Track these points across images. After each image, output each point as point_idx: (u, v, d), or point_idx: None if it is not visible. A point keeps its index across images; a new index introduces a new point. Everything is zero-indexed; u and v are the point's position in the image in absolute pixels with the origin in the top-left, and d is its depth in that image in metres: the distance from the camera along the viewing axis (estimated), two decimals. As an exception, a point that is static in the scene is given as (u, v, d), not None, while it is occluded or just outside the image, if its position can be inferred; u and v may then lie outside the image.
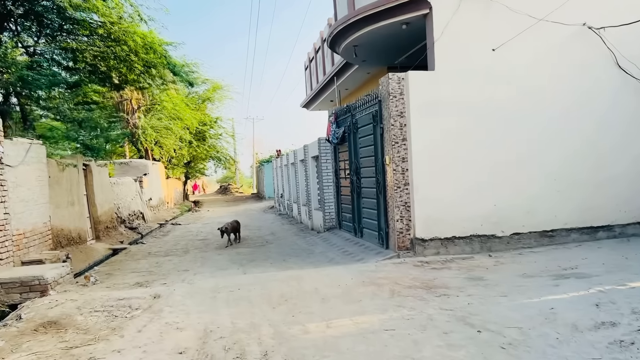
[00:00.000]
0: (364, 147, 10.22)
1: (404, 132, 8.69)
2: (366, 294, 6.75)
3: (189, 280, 8.66)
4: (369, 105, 9.78)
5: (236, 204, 36.91)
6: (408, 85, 8.57)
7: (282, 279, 7.87)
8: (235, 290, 7.44)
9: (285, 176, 22.58)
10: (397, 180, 8.70)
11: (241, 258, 10.98)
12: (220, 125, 40.85)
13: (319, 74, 18.48)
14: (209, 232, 17.83)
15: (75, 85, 13.36)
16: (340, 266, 8.67)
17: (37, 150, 10.46)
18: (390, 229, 9.08)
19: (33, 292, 8.01)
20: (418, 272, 7.73)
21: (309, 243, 12.31)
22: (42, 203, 10.49)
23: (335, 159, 12.83)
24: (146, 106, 31.51)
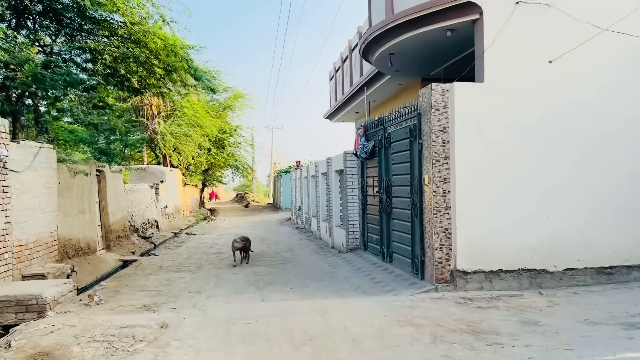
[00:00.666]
0: (398, 163, 9.32)
1: (446, 149, 7.78)
2: (404, 337, 5.83)
3: (200, 305, 7.81)
4: (405, 119, 8.90)
5: (252, 214, 36.16)
6: (453, 97, 7.68)
7: (305, 312, 6.98)
8: (252, 322, 6.58)
9: (304, 189, 21.74)
10: (438, 203, 7.78)
11: (258, 279, 10.12)
12: (240, 133, 40.35)
13: (345, 85, 17.67)
14: (224, 244, 17.03)
15: (92, 88, 12.74)
16: (370, 298, 7.75)
17: (47, 154, 9.77)
18: (426, 258, 8.14)
19: (29, 313, 7.24)
20: (461, 312, 6.78)
21: (331, 265, 11.40)
22: (50, 211, 9.78)
23: (362, 174, 11.94)
24: (166, 112, 31.10)
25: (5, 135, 8.18)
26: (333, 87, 20.06)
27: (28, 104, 12.30)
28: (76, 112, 11.14)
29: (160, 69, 13.96)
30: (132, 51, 12.50)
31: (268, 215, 32.74)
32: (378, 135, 10.58)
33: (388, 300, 7.48)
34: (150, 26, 12.76)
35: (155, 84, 15.06)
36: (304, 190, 21.81)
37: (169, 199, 25.41)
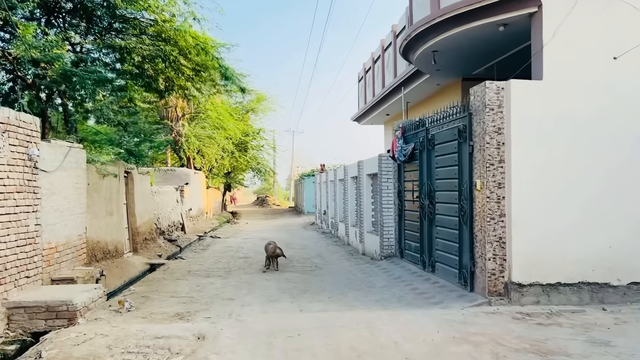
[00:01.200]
0: (443, 167, 8.80)
1: (501, 152, 7.24)
2: (462, 357, 5.32)
3: (236, 315, 7.38)
4: (452, 119, 8.38)
5: (274, 217, 35.83)
6: (509, 96, 7.14)
7: (350, 325, 6.51)
8: (294, 336, 6.13)
9: (330, 193, 21.29)
10: (491, 209, 7.24)
11: (292, 287, 9.67)
12: (263, 136, 40.11)
13: (377, 86, 17.18)
14: (250, 248, 16.66)
15: (120, 89, 12.47)
16: (417, 311, 7.23)
17: (77, 155, 9.48)
18: (477, 268, 7.60)
19: (59, 320, 6.90)
20: (521, 329, 6.23)
21: (366, 273, 10.89)
22: (79, 213, 9.48)
23: (399, 178, 11.43)
24: (190, 114, 30.99)
25: (36, 133, 7.89)
26: (362, 89, 19.58)
27: (57, 104, 12.10)
28: (106, 111, 10.84)
29: (188, 69, 13.68)
30: (162, 50, 12.21)
31: (290, 219, 32.35)
32: (419, 137, 10.06)
33: (437, 313, 6.95)
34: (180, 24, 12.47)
35: (182, 85, 14.78)
36: (329, 194, 21.34)
37: (193, 201, 25.18)
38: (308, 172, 38.58)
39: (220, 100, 31.80)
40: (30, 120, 7.77)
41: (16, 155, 7.29)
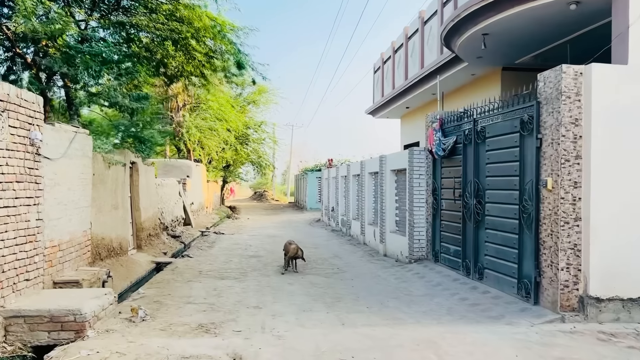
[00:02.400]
0: (497, 163, 7.85)
1: (578, 146, 6.30)
2: (563, 392, 4.38)
3: (270, 328, 6.40)
4: (512, 109, 7.42)
5: (276, 213, 34.82)
6: (590, 82, 6.20)
7: (409, 345, 5.56)
8: (347, 357, 5.18)
9: (340, 189, 20.32)
10: (566, 212, 6.30)
11: (321, 293, 8.70)
12: (264, 129, 39.04)
13: (397, 77, 16.21)
14: (259, 246, 15.68)
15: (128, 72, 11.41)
16: (479, 327, 6.28)
17: (83, 141, 8.45)
18: (543, 279, 6.66)
19: (65, 332, 5.90)
20: (613, 353, 5.31)
21: (399, 278, 9.94)
22: (84, 206, 8.45)
23: (434, 174, 10.47)
24: (191, 105, 29.92)
25: (39, 115, 6.86)
26: (379, 81, 18.58)
27: (59, 86, 11.02)
28: (113, 94, 9.78)
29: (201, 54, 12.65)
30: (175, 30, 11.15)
31: (293, 215, 31.35)
32: (462, 129, 9.11)
33: (505, 331, 6.01)
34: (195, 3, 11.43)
35: (192, 71, 13.74)
36: (340, 190, 20.37)
37: (194, 195, 24.15)
38: (311, 166, 37.53)
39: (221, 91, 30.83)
40: (33, 99, 6.74)
41: (16, 138, 6.26)
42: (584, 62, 6.47)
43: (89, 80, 10.65)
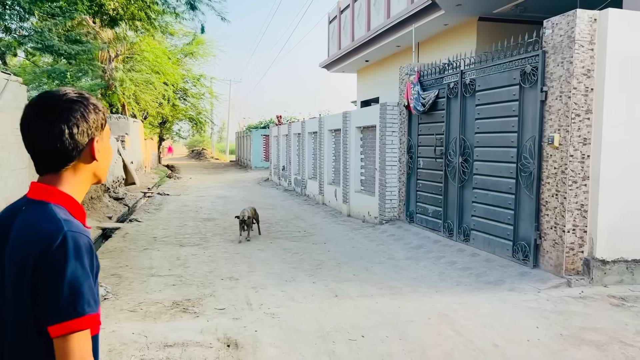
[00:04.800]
0: (490, 118, 7.36)
1: (589, 100, 5.86)
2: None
3: (257, 304, 5.67)
4: (513, 59, 6.87)
5: (218, 172, 33.50)
6: (606, 29, 5.72)
7: (421, 320, 5.05)
8: (357, 338, 4.58)
9: (293, 147, 19.52)
10: (573, 171, 5.91)
11: (297, 259, 8.04)
12: (203, 83, 37.00)
13: (356, 28, 15.33)
14: (211, 208, 14.75)
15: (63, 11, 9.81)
16: (484, 295, 5.87)
17: (16, 90, 7.10)
18: (545, 241, 6.32)
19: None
20: (632, 320, 5.04)
21: (373, 240, 9.45)
22: (21, 168, 7.20)
23: (409, 131, 9.91)
24: (124, 55, 27.59)
25: (-38, 55, 5.52)
26: (335, 32, 17.61)
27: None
28: (48, 36, 8.31)
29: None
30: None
31: (239, 175, 30.24)
32: (445, 82, 8.53)
33: (515, 300, 5.63)
34: None
35: (136, 13, 12.23)
36: (292, 148, 19.56)
37: (133, 153, 22.55)
38: (256, 123, 36.20)
39: (157, 42, 28.72)
40: (-47, 34, 5.39)
41: None
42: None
43: (15, 22, 9.07)
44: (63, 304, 1.30)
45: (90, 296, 1.34)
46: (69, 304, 1.30)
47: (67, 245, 1.32)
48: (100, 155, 1.50)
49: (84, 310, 1.31)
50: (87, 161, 1.48)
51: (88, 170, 1.50)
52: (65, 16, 8.95)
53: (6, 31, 9.40)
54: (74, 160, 1.45)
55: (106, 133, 1.53)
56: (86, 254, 1.35)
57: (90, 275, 1.35)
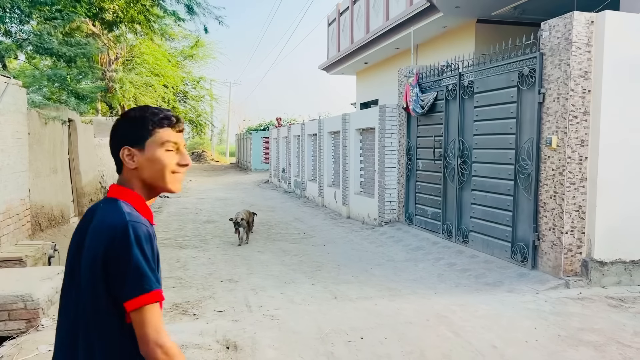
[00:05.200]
0: (488, 120, 7.38)
1: (586, 102, 5.89)
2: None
3: (257, 306, 5.70)
4: (509, 62, 6.90)
5: (218, 174, 33.53)
6: (603, 32, 5.75)
7: (419, 321, 5.06)
8: (356, 340, 4.60)
9: (292, 149, 19.55)
10: (571, 172, 5.94)
11: (297, 261, 8.07)
12: (203, 86, 37.01)
13: (356, 30, 15.38)
14: (211, 210, 14.80)
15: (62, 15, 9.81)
16: (483, 297, 5.89)
17: (16, 94, 7.14)
18: (543, 242, 6.34)
19: (14, 321, 4.90)
20: (630, 321, 5.06)
21: (373, 242, 9.47)
22: (21, 171, 7.23)
23: (408, 133, 9.94)
24: (124, 58, 27.64)
25: (-38, 58, 5.56)
26: (334, 34, 17.66)
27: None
28: (47, 39, 8.34)
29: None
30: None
31: (239, 177, 30.28)
32: (444, 84, 8.56)
33: (514, 301, 5.65)
34: None
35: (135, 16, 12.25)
36: (292, 150, 19.59)
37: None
38: (256, 126, 36.22)
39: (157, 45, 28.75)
40: (-47, 38, 5.42)
41: None
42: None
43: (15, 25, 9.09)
44: (132, 282, 1.52)
45: (152, 275, 1.55)
46: (137, 282, 1.52)
47: (129, 233, 1.54)
48: (136, 164, 1.67)
49: (150, 287, 1.54)
50: (129, 167, 1.68)
51: (135, 176, 1.68)
52: (64, 19, 8.97)
53: (6, 34, 9.43)
54: (121, 165, 1.70)
55: (153, 144, 1.67)
56: (145, 240, 1.56)
57: (150, 259, 1.56)
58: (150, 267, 1.55)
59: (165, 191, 1.73)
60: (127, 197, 1.66)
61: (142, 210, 1.67)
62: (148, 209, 1.70)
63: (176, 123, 1.72)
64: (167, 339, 1.56)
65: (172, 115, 1.72)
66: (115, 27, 12.67)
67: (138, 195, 1.68)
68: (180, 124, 1.73)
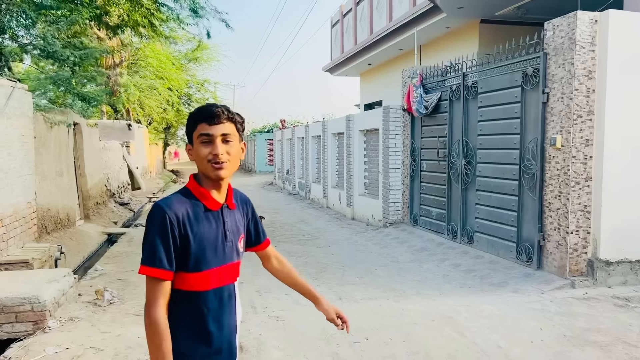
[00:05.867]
0: (493, 120, 7.38)
1: (591, 101, 5.88)
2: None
3: (262, 307, 5.71)
4: (513, 62, 6.90)
5: (223, 176, 33.50)
6: (607, 31, 5.74)
7: (424, 322, 5.06)
8: (360, 340, 4.61)
9: (297, 151, 19.57)
10: (576, 172, 5.92)
11: (302, 262, 8.07)
12: (207, 89, 37.13)
13: (359, 32, 15.40)
14: (216, 212, 14.77)
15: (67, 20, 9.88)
16: (488, 297, 5.88)
17: (22, 97, 7.19)
18: (548, 242, 6.33)
19: (21, 323, 4.94)
20: (636, 320, 5.04)
21: (378, 243, 9.47)
22: (27, 174, 7.27)
23: (412, 134, 9.94)
24: (129, 61, 27.75)
25: (-32, 63, 5.60)
26: (338, 36, 17.68)
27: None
28: (52, 41, 8.39)
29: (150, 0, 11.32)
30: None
31: (243, 179, 30.32)
32: (447, 84, 8.56)
33: (519, 302, 5.64)
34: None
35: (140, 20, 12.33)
36: (296, 152, 19.61)
37: (137, 159, 22.62)
38: (260, 128, 36.29)
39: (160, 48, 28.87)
40: (-40, 43, 5.47)
41: (-58, 91, 5.05)
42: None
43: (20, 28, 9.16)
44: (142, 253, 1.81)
45: (149, 251, 1.77)
46: (142, 254, 1.80)
47: (149, 212, 1.82)
48: (193, 157, 1.91)
49: (143, 261, 1.79)
50: (190, 159, 1.93)
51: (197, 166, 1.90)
52: (67, 21, 9.02)
53: (12, 38, 9.51)
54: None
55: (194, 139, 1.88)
56: (152, 220, 1.79)
57: (156, 235, 1.77)
58: (151, 244, 1.76)
59: (212, 179, 1.88)
60: (189, 183, 1.93)
61: (199, 193, 1.89)
62: (206, 192, 1.89)
63: (209, 116, 1.84)
64: (156, 312, 1.77)
65: (207, 109, 1.86)
66: (120, 31, 12.76)
67: (193, 181, 1.91)
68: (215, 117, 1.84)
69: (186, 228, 1.80)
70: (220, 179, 1.89)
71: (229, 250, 1.94)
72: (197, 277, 1.84)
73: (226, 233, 1.92)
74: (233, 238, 1.96)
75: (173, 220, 1.78)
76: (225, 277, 1.93)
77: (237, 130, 1.94)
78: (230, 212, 1.99)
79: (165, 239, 1.77)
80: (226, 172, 1.89)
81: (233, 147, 1.90)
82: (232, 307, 1.97)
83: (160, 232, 1.76)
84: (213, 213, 1.90)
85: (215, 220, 1.90)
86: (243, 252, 2.09)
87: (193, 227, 1.82)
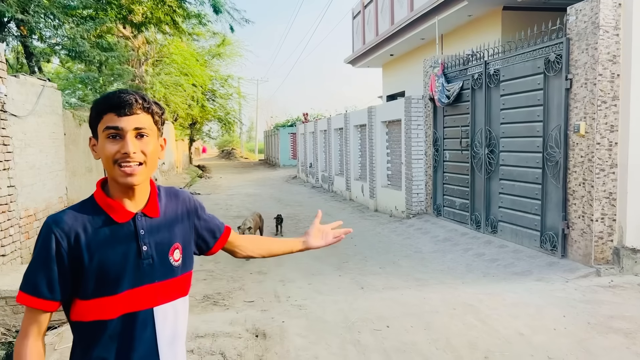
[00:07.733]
0: (515, 108, 7.30)
1: (615, 86, 5.78)
2: (621, 355, 4.01)
3: (285, 296, 5.82)
4: (535, 48, 6.81)
5: (248, 171, 33.93)
6: (631, 13, 5.63)
7: (445, 310, 5.08)
8: (382, 328, 4.65)
9: (319, 144, 19.64)
10: (601, 159, 5.84)
11: (325, 254, 8.13)
12: (231, 84, 37.42)
13: (380, 22, 15.32)
14: (241, 206, 15.01)
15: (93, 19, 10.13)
16: (510, 285, 5.87)
17: (52, 96, 7.43)
18: (572, 230, 6.26)
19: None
20: (666, 308, 4.97)
21: (400, 234, 9.48)
22: (58, 170, 7.52)
23: (434, 124, 9.89)
24: (153, 59, 28.19)
25: (1, 65, 5.83)
26: (359, 27, 17.62)
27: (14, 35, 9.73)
28: (80, 42, 8.64)
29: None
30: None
31: (267, 173, 30.57)
32: (469, 73, 8.49)
33: (542, 289, 5.61)
34: None
35: (162, 18, 12.54)
36: (319, 145, 19.68)
37: (165, 155, 22.99)
38: (283, 122, 36.45)
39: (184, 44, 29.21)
40: (-8, 44, 5.70)
41: (-23, 91, 5.28)
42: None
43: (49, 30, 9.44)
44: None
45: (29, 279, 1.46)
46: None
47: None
48: (97, 154, 1.53)
49: (21, 286, 1.47)
50: (95, 158, 1.57)
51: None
52: (95, 22, 9.27)
53: (40, 39, 9.81)
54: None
55: (99, 132, 1.49)
56: (38, 238, 1.49)
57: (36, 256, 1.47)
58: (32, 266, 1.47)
59: (119, 185, 1.50)
60: (96, 191, 1.55)
61: (105, 204, 1.52)
62: (114, 202, 1.52)
63: (118, 105, 1.44)
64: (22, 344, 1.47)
65: (115, 96, 1.46)
66: (144, 28, 13.02)
67: (99, 189, 1.54)
68: (126, 106, 1.44)
69: (79, 248, 1.45)
70: (131, 186, 1.49)
71: (148, 268, 1.53)
72: (98, 304, 1.48)
73: (141, 249, 1.53)
74: (155, 253, 1.56)
75: (61, 240, 1.45)
76: (142, 301, 1.52)
77: (154, 123, 1.54)
78: (151, 222, 1.57)
79: (48, 262, 1.44)
80: (140, 178, 1.48)
81: (149, 144, 1.50)
82: (148, 336, 1.55)
83: (42, 254, 1.45)
84: (121, 226, 1.51)
85: (125, 235, 1.51)
86: (186, 264, 1.68)
87: (90, 246, 1.46)
